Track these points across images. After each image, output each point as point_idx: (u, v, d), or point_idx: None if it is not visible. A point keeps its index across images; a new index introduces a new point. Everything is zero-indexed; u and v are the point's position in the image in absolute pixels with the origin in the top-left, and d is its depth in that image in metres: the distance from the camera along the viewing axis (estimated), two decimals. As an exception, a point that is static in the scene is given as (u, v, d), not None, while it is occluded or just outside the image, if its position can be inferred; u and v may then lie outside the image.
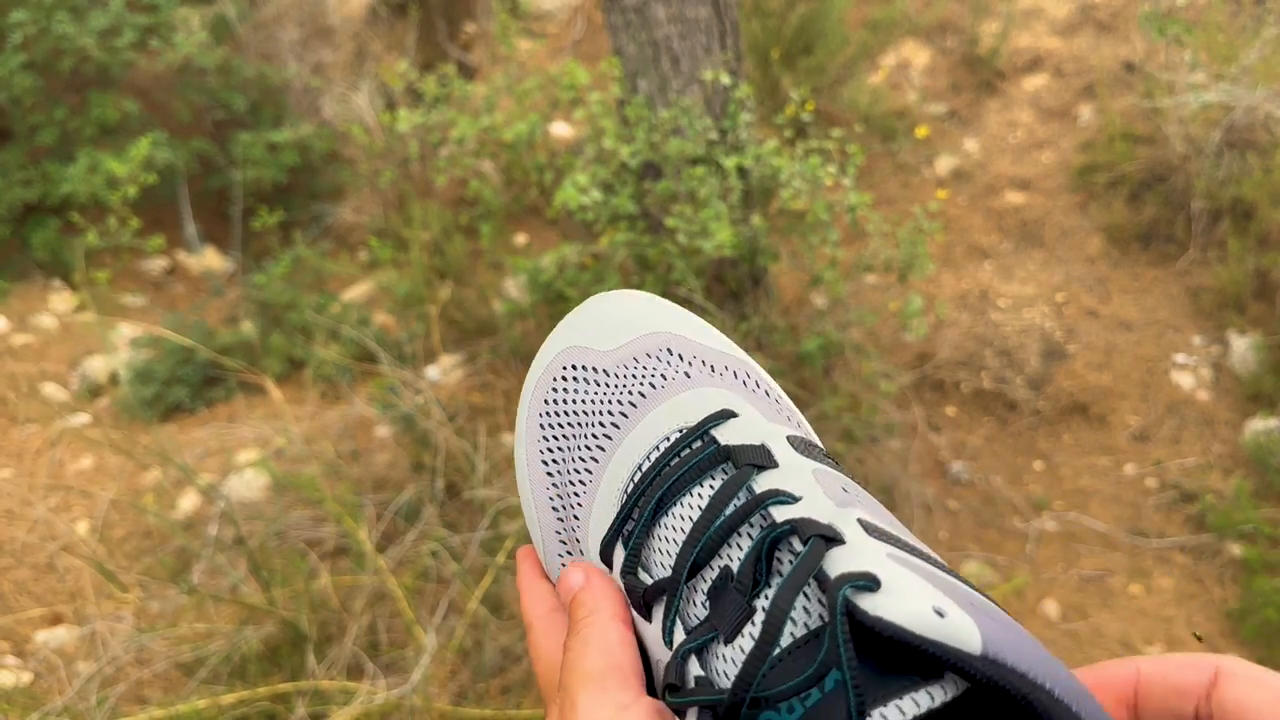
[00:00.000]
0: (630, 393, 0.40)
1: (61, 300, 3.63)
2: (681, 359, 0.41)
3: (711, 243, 2.14)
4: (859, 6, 4.32)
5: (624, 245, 2.35)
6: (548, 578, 0.41)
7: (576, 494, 0.40)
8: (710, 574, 0.32)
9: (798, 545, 0.30)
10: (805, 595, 0.29)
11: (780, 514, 0.31)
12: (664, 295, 2.47)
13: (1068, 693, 0.26)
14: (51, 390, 3.12)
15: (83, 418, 2.97)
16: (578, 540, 0.40)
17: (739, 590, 0.31)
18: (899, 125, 3.87)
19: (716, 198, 2.23)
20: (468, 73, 4.60)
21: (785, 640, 0.28)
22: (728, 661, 0.30)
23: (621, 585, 0.35)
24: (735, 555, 0.32)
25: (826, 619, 0.27)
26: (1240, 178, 3.02)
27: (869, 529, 0.30)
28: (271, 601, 1.84)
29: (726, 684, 0.30)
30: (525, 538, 2.07)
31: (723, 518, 0.33)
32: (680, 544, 0.33)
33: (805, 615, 0.29)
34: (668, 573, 0.34)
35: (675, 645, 0.32)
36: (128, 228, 3.09)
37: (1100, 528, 2.48)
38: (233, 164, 3.94)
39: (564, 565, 0.40)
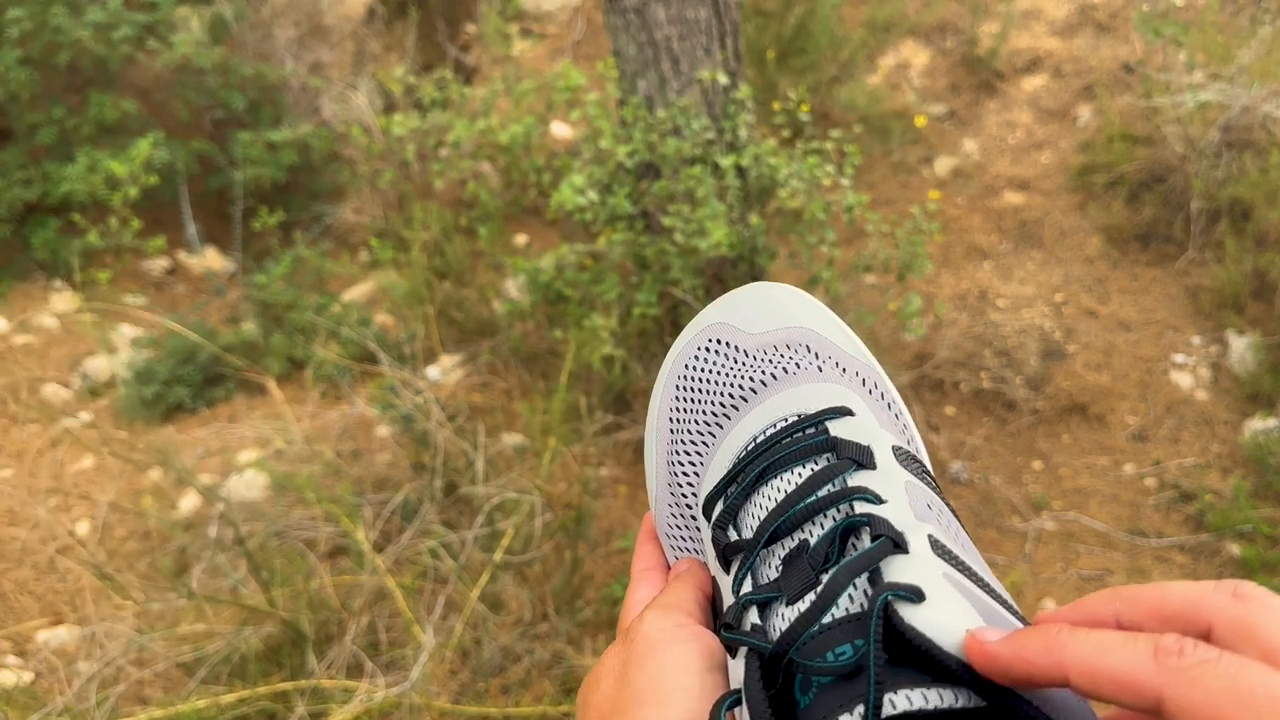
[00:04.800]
0: (763, 374, 0.43)
1: (62, 300, 3.63)
2: (817, 356, 0.44)
3: (708, 242, 2.14)
4: (857, 6, 4.32)
5: (622, 245, 2.35)
6: (657, 539, 0.47)
7: (691, 454, 0.44)
8: (790, 543, 0.36)
9: (867, 539, 0.33)
10: (856, 585, 0.31)
11: (862, 509, 0.34)
12: (661, 295, 2.45)
13: None
14: (52, 390, 3.13)
15: (84, 417, 2.98)
16: (685, 496, 0.44)
17: (811, 562, 0.34)
18: (897, 125, 3.87)
19: (714, 197, 2.23)
20: (467, 73, 4.61)
21: (833, 615, 0.31)
22: (784, 620, 0.33)
23: (711, 535, 0.39)
24: (815, 532, 0.35)
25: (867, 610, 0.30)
26: (1238, 178, 3.02)
27: (935, 546, 0.32)
28: (271, 601, 1.84)
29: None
30: (521, 535, 2.07)
31: (813, 498, 0.36)
32: (770, 511, 0.37)
33: (851, 601, 0.31)
34: (752, 534, 0.37)
35: (740, 594, 0.35)
36: (128, 228, 3.10)
37: (1099, 527, 2.49)
38: (233, 164, 3.94)
39: (671, 516, 0.46)
